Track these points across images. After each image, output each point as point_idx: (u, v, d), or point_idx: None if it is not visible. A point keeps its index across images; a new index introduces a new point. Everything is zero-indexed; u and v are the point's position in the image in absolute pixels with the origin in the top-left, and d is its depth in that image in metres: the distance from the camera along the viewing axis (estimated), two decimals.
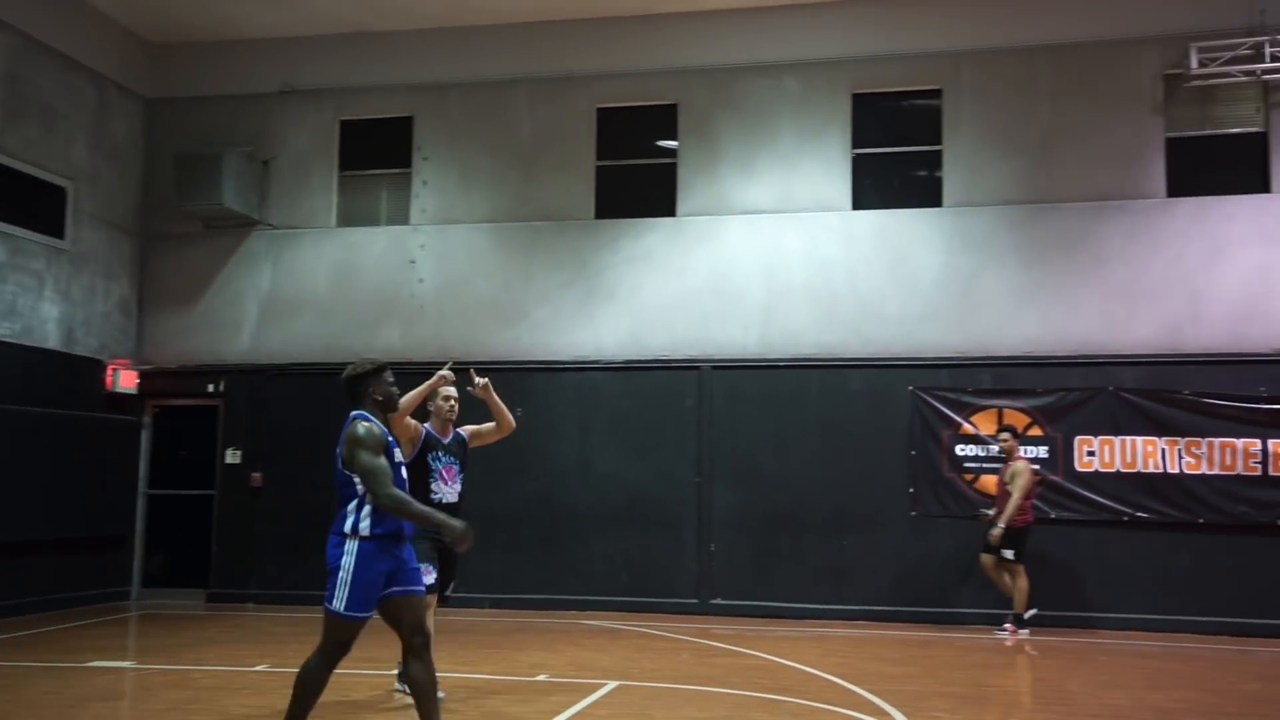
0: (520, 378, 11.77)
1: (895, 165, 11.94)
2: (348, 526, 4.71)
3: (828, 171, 11.79)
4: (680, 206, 12.12)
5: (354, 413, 4.88)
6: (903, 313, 11.40)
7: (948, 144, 11.56)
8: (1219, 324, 10.66)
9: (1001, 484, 10.34)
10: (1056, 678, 7.91)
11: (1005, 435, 10.49)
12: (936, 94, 11.68)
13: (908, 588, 10.93)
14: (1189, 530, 10.50)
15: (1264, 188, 10.77)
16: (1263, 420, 10.42)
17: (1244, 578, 10.31)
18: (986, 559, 10.31)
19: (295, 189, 12.80)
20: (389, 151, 12.80)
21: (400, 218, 12.70)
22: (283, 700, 4.88)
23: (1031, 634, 10.04)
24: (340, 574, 4.65)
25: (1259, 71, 10.47)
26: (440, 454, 6.58)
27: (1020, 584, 10.16)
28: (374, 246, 12.57)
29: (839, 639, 9.86)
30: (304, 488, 11.69)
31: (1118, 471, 10.74)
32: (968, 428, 11.11)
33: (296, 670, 4.79)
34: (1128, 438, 10.74)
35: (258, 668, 7.81)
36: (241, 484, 12.35)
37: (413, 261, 12.42)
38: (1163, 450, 10.64)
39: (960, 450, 11.12)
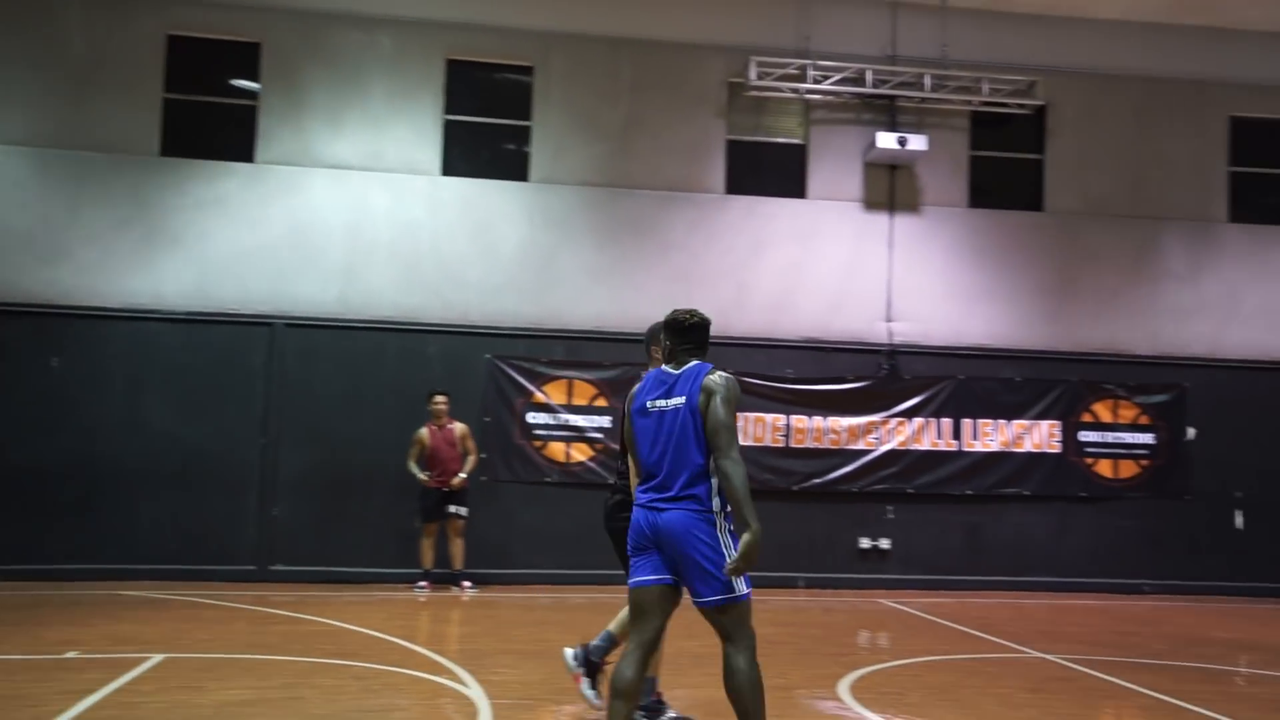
0: (59, 324, 10.53)
1: (485, 136, 12.10)
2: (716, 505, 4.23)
3: (418, 135, 11.68)
4: (259, 153, 11.42)
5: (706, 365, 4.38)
6: (483, 281, 11.60)
7: (537, 121, 11.91)
8: (758, 312, 11.97)
9: (450, 444, 10.68)
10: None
11: (441, 398, 10.73)
12: (528, 71, 11.98)
13: (480, 552, 11.16)
14: None
15: (801, 194, 12.23)
16: (788, 399, 11.86)
17: (765, 536, 11.65)
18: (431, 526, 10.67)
19: None
20: None
21: None
22: None
23: (584, 590, 10.71)
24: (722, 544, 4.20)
25: (803, 90, 11.86)
26: None
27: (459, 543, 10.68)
28: None
29: (405, 602, 9.88)
30: None
31: None
32: (540, 396, 11.57)
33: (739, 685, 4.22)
34: None
35: None
36: None
37: None
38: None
39: (532, 418, 11.56)
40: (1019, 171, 12.61)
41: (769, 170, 12.36)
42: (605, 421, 11.61)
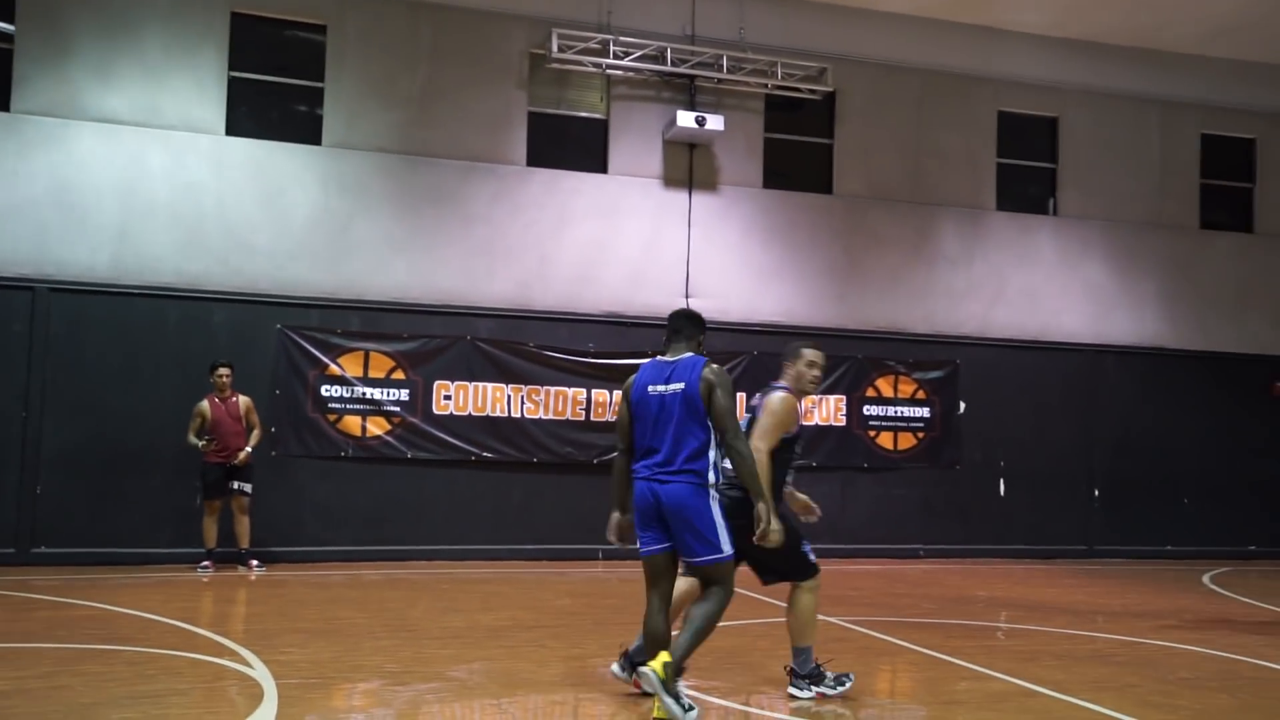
0: None
1: (275, 96, 11.55)
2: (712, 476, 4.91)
3: (200, 91, 11.02)
4: (16, 101, 10.50)
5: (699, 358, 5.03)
6: (274, 248, 11.10)
7: (330, 83, 11.45)
8: (561, 286, 11.98)
9: (234, 418, 10.26)
10: (401, 607, 8.35)
11: (224, 370, 10.22)
12: (321, 30, 11.49)
13: (270, 529, 10.69)
14: (524, 469, 11.70)
15: (604, 169, 12.30)
16: (589, 373, 11.95)
17: (566, 510, 11.77)
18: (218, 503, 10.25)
19: None
20: None
21: None
22: None
23: (381, 567, 10.47)
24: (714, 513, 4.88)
25: (604, 65, 11.90)
26: None
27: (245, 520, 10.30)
28: None
29: (186, 584, 9.38)
30: None
31: (469, 415, 11.59)
32: (334, 369, 11.19)
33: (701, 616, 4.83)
34: (481, 384, 11.64)
35: None
36: None
37: None
38: (509, 396, 11.70)
39: (326, 391, 11.17)
40: (810, 155, 13.11)
41: (571, 144, 12.36)
42: (404, 395, 11.36)
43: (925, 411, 13.05)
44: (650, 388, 5.00)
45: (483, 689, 5.63)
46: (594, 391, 11.93)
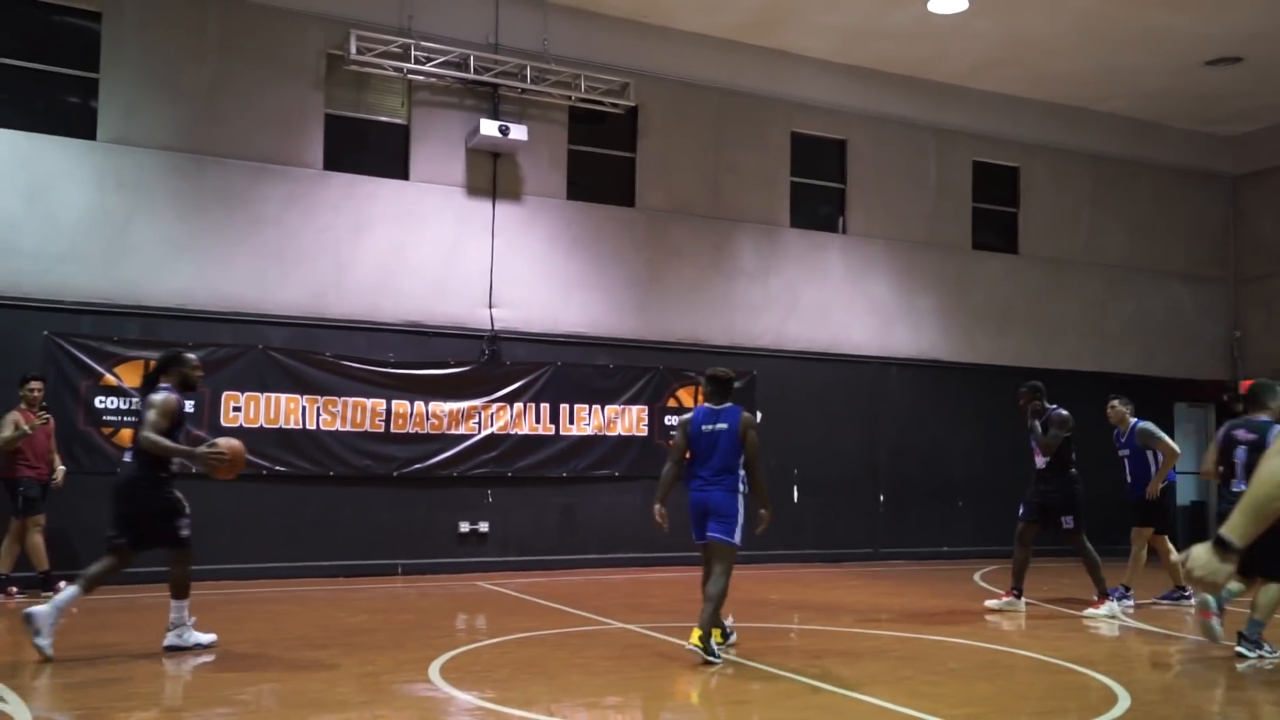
0: None
1: (43, 85, 10.75)
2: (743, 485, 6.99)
3: None
4: None
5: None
6: (41, 249, 10.32)
7: (106, 73, 10.76)
8: (358, 294, 11.66)
9: (48, 435, 9.69)
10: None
11: (36, 384, 9.59)
12: (96, 17, 10.79)
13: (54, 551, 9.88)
14: (320, 482, 11.31)
15: (404, 175, 12.07)
16: (389, 383, 11.67)
17: (363, 524, 11.45)
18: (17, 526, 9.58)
19: None
20: None
21: None
22: None
23: (160, 590, 9.87)
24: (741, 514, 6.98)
25: (405, 70, 11.69)
26: None
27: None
28: None
29: None
30: None
31: (261, 427, 11.10)
32: (110, 379, 10.49)
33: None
34: (273, 394, 11.18)
35: None
36: None
37: None
38: (304, 407, 11.28)
39: (100, 403, 10.46)
40: (613, 168, 13.29)
41: (371, 149, 12.08)
42: (188, 406, 10.73)
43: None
44: (704, 427, 7.09)
45: (271, 712, 5.40)
46: (394, 402, 11.66)
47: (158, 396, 6.77)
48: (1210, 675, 6.91)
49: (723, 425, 7.01)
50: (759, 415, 13.44)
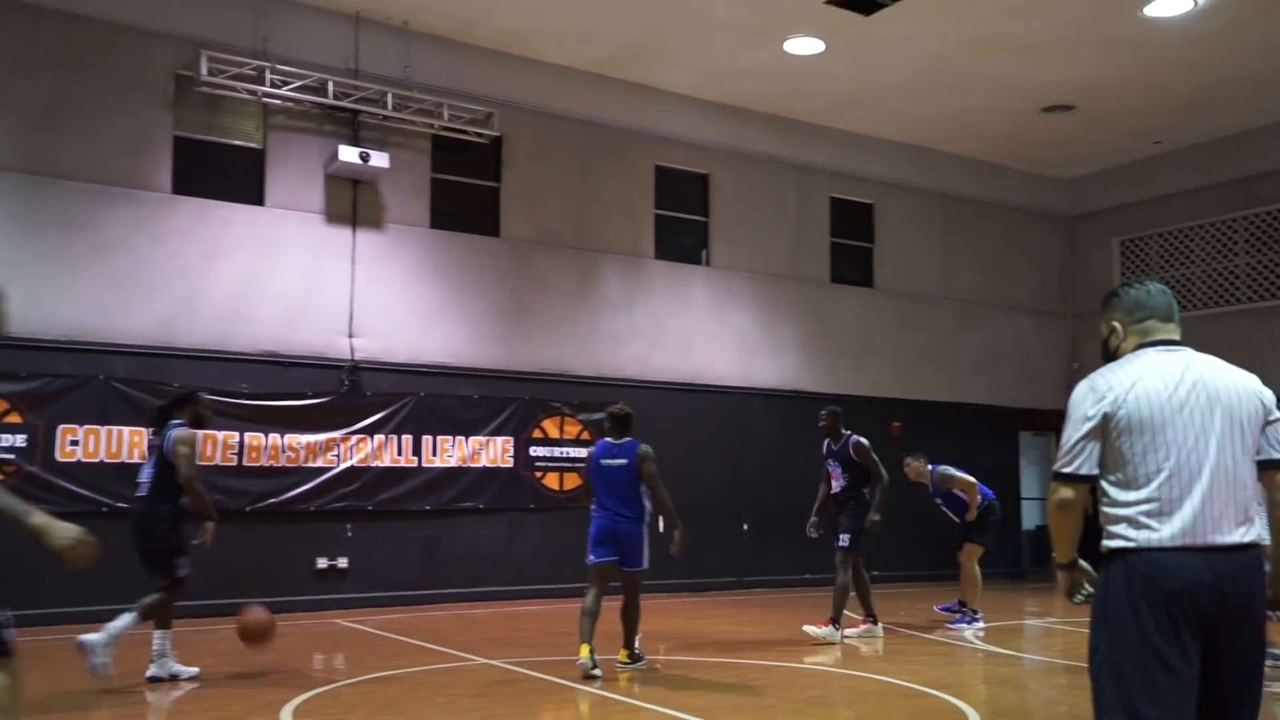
0: None
1: None
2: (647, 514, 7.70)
3: None
4: None
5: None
6: None
7: None
8: (210, 322, 11.21)
9: None
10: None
11: None
12: None
13: None
14: None
15: (260, 200, 11.68)
16: (243, 415, 11.22)
17: (214, 562, 10.89)
18: None
19: None
20: None
21: None
22: None
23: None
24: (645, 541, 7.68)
25: (260, 93, 11.35)
26: None
27: None
28: None
29: None
30: None
31: (101, 461, 10.51)
32: None
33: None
34: (116, 427, 10.60)
35: None
36: None
37: None
38: (149, 441, 10.69)
39: None
40: (478, 197, 13.17)
41: (224, 173, 11.66)
42: (19, 440, 10.11)
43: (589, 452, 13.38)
44: (602, 461, 7.64)
45: None
46: (247, 435, 11.21)
47: (184, 433, 7.07)
48: (1061, 695, 7.19)
49: (621, 460, 7.57)
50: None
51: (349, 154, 11.53)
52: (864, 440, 9.46)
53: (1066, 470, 3.18)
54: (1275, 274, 15.46)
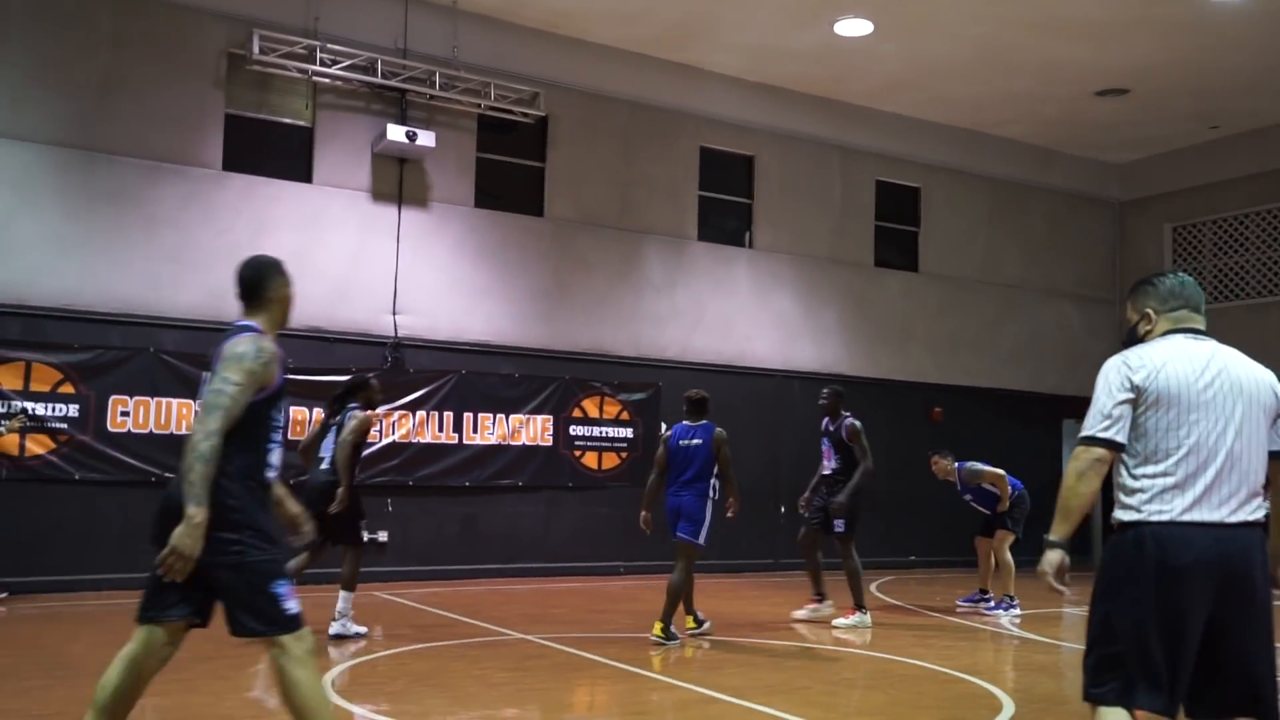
0: None
1: None
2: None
3: None
4: None
5: None
6: None
7: None
8: None
9: None
10: (59, 643, 7.60)
11: None
12: None
13: None
14: None
15: (308, 178, 11.83)
16: (289, 390, 11.34)
17: None
18: None
19: None
20: None
21: None
22: None
23: (39, 600, 9.48)
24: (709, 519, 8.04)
25: (310, 72, 11.47)
26: None
27: None
28: None
29: None
30: None
31: (150, 433, 10.75)
32: None
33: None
34: (165, 399, 10.83)
35: None
36: None
37: None
38: (197, 413, 10.89)
39: None
40: (522, 177, 13.23)
41: (273, 151, 11.81)
42: (73, 410, 10.36)
43: (629, 432, 13.45)
44: (682, 441, 8.16)
45: None
46: (293, 409, 11.39)
47: (355, 419, 7.90)
48: None
49: (697, 441, 8.06)
50: (664, 427, 13.54)
51: (396, 133, 11.62)
52: (857, 424, 9.50)
53: (1103, 435, 3.30)
54: None
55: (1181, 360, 3.32)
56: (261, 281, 4.15)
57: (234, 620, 3.74)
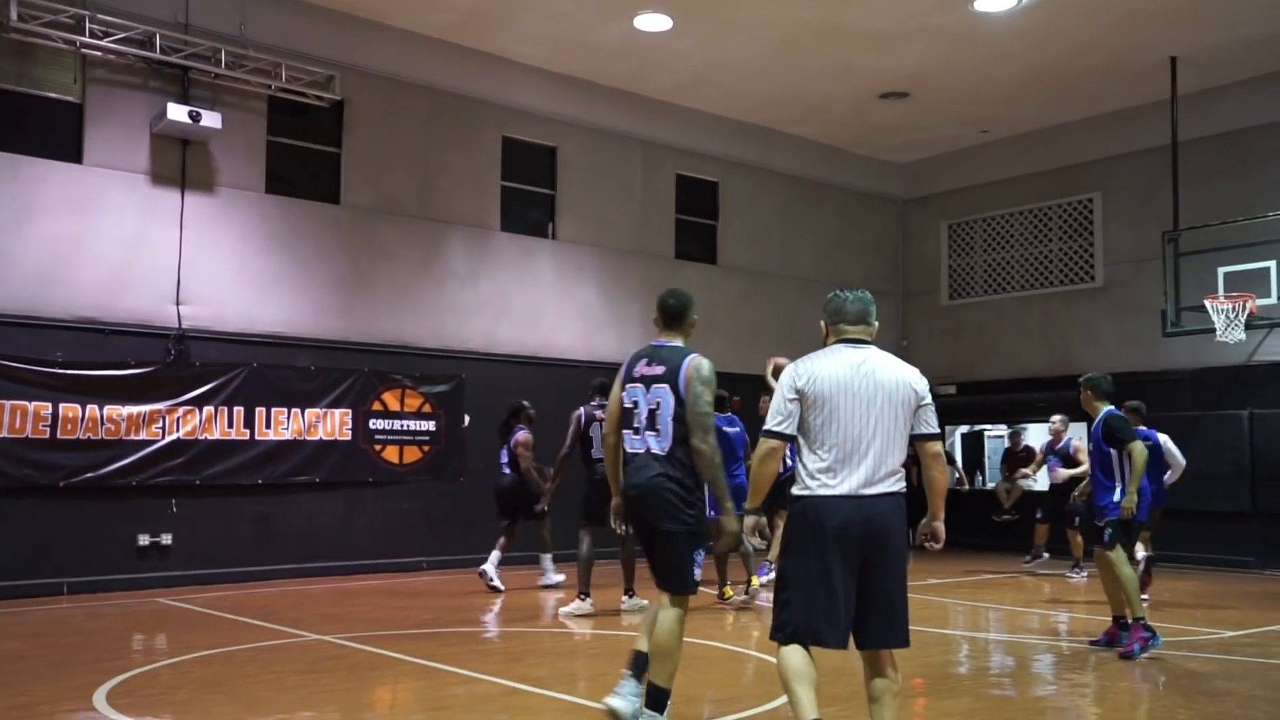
0: None
1: None
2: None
3: None
4: None
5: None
6: None
7: None
8: (21, 286, 10.52)
9: None
10: None
11: None
12: None
13: None
14: None
15: (77, 158, 11.01)
16: (56, 385, 10.58)
17: (25, 539, 10.33)
18: None
19: None
20: None
21: None
22: None
23: None
24: None
25: (79, 43, 10.66)
26: None
27: None
28: None
29: None
30: None
31: None
32: None
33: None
34: None
35: None
36: None
37: None
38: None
39: None
40: (317, 162, 12.75)
41: (38, 128, 10.93)
42: None
43: (431, 425, 13.22)
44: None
45: None
46: (61, 406, 10.58)
47: (523, 436, 11.02)
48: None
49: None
50: (467, 419, 13.42)
51: (178, 112, 10.96)
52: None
53: (775, 429, 4.23)
54: (1083, 260, 16.49)
55: (837, 366, 4.23)
56: (685, 310, 5.62)
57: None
